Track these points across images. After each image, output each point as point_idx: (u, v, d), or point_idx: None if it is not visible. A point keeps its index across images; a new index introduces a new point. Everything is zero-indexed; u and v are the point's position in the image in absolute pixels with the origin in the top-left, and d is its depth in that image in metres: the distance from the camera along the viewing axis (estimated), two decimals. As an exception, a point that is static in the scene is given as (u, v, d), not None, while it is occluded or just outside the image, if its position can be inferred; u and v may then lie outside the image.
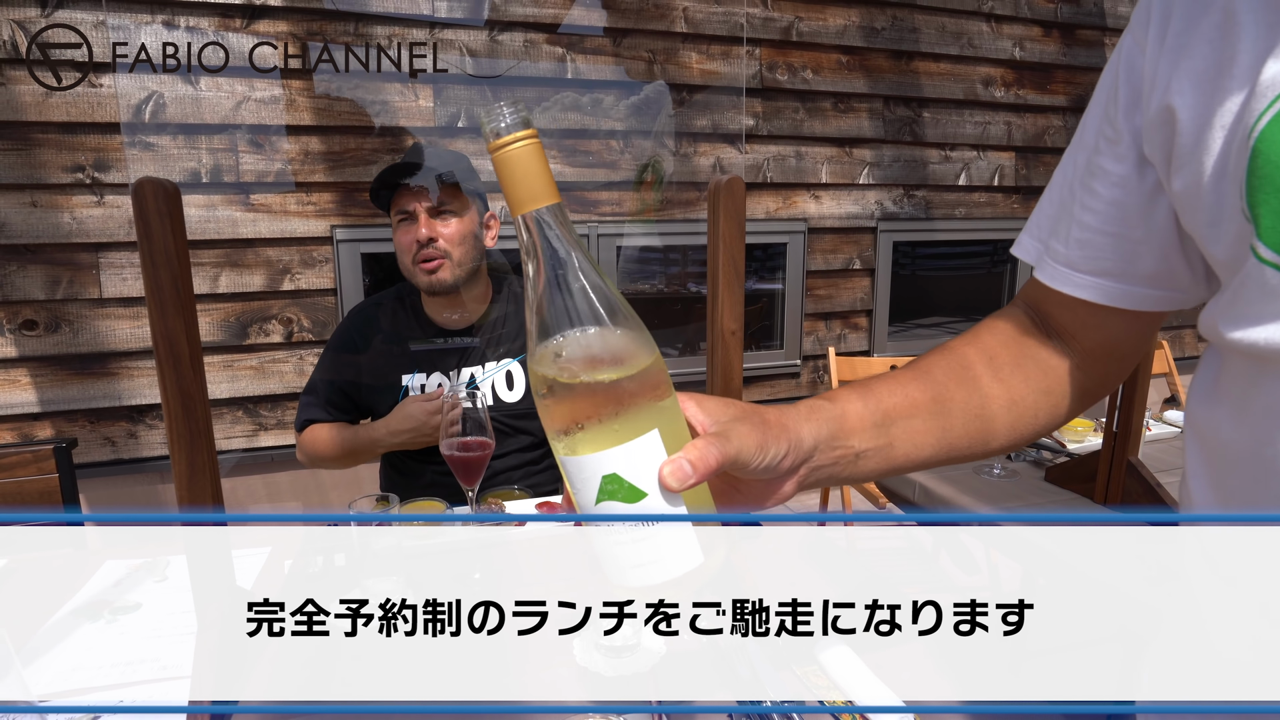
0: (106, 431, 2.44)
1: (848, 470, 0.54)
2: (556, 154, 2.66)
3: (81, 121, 2.27)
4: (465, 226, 1.43)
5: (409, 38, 2.47)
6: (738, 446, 0.46)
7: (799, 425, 0.51)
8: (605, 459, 0.43)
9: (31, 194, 2.27)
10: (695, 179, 2.85)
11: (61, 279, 2.33)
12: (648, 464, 0.43)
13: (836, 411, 0.54)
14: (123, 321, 2.40)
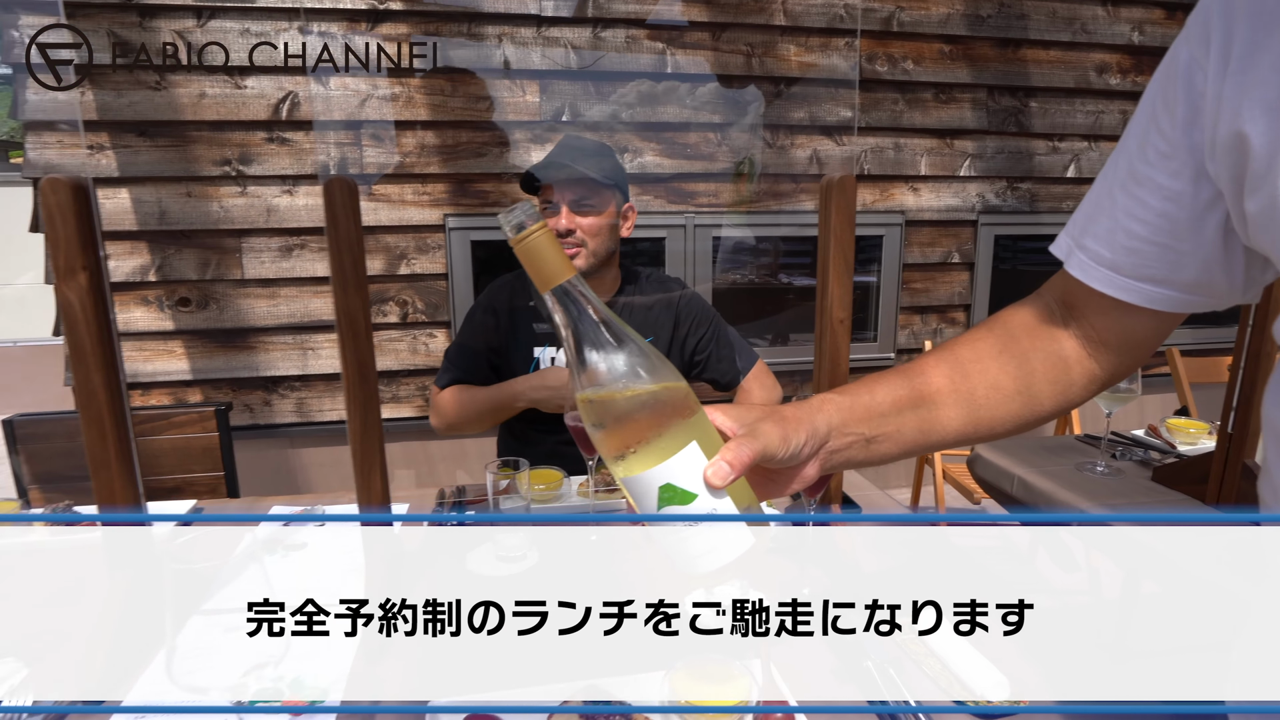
0: (245, 399, 2.69)
1: (862, 453, 0.63)
2: (656, 146, 2.75)
3: (228, 120, 2.51)
4: (604, 219, 1.51)
5: (517, 36, 2.60)
6: (764, 442, 0.54)
7: (813, 416, 0.60)
8: (658, 473, 0.52)
9: (187, 185, 2.53)
10: (791, 171, 2.87)
11: (210, 261, 2.58)
12: (693, 470, 0.52)
13: (846, 403, 0.62)
14: (260, 300, 2.64)
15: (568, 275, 0.53)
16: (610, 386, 0.52)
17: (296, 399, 2.73)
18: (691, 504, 0.53)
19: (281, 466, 2.76)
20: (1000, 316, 0.69)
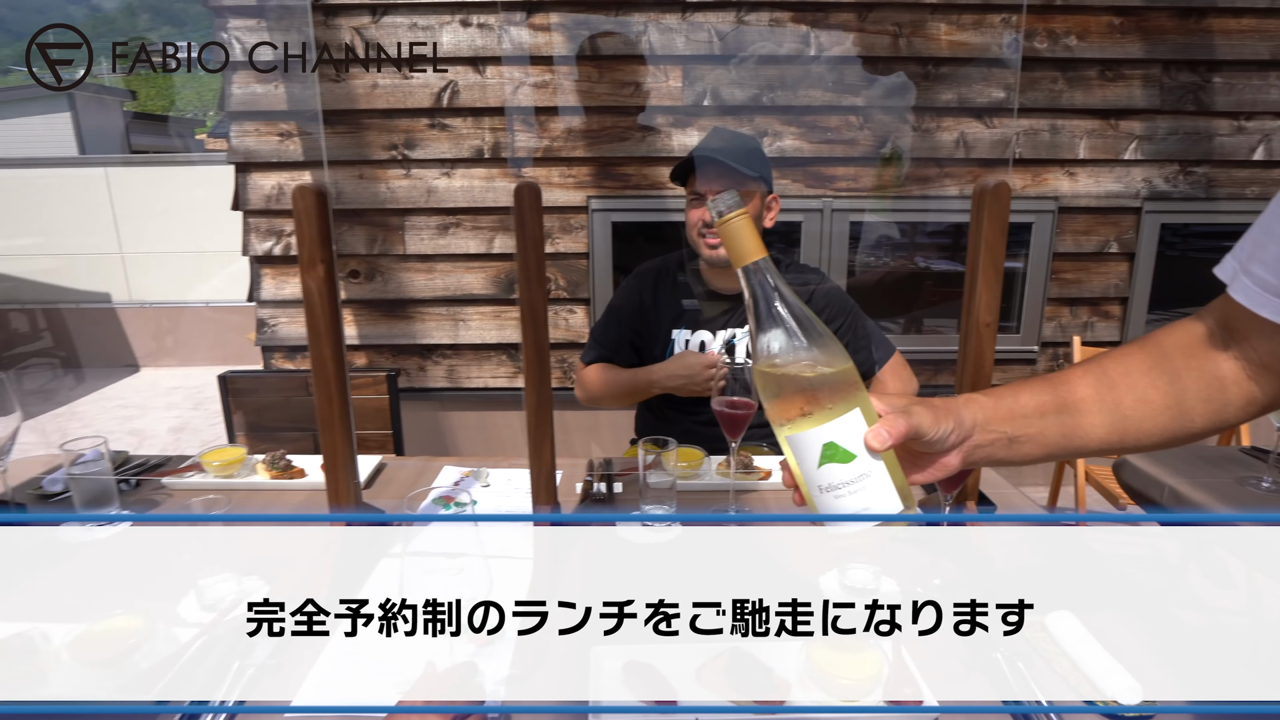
0: (403, 364, 2.96)
1: (1004, 451, 0.68)
2: (796, 130, 2.75)
3: (396, 108, 2.73)
4: (749, 209, 1.57)
5: (662, 22, 2.66)
6: (918, 421, 0.62)
7: (960, 409, 0.66)
8: (824, 431, 0.60)
9: (359, 169, 2.78)
10: (936, 154, 2.79)
11: (377, 237, 2.84)
12: (854, 433, 0.60)
13: (990, 403, 0.67)
14: (419, 274, 2.88)
15: (759, 256, 0.63)
16: (789, 357, 0.61)
17: (448, 366, 2.97)
18: (850, 463, 0.60)
19: (433, 427, 3.02)
20: (1153, 335, 0.70)
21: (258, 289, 2.93)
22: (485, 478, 1.37)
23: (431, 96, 2.72)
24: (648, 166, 2.77)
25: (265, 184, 2.81)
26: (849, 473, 0.61)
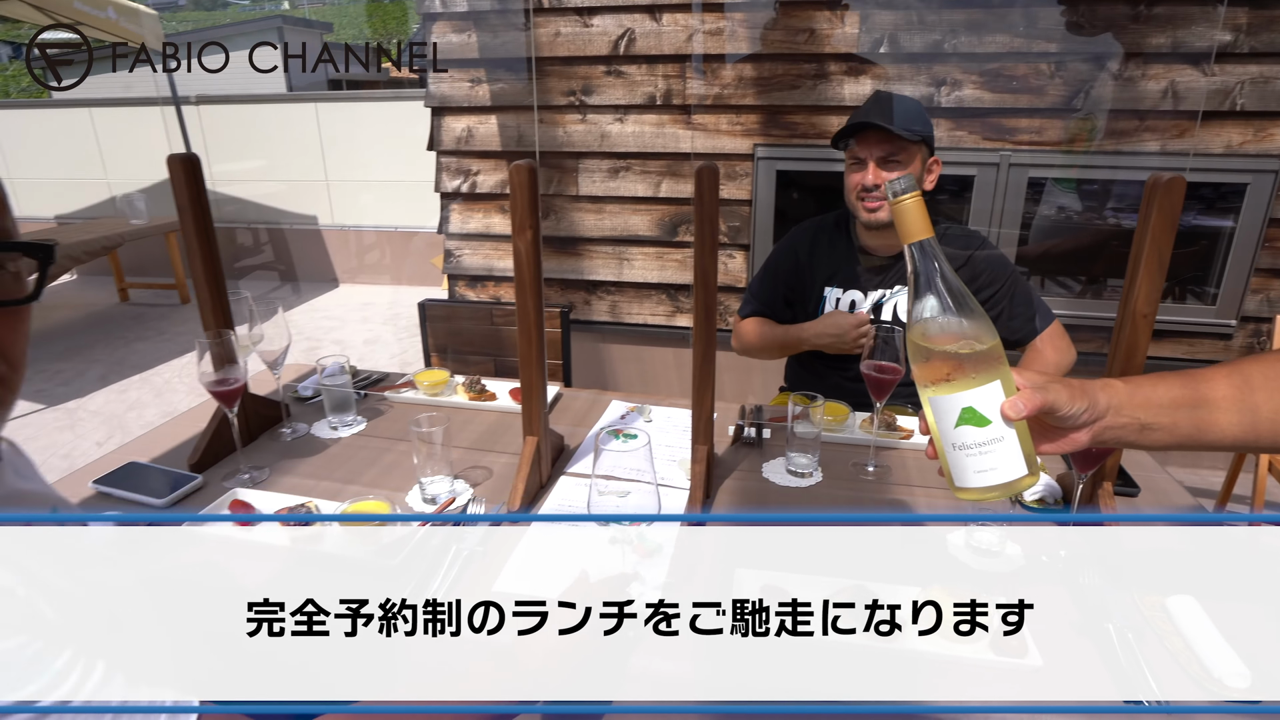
0: (570, 297, 3.20)
1: (1134, 436, 0.74)
2: (978, 78, 2.63)
3: (575, 56, 2.88)
4: (909, 173, 1.60)
5: (845, -36, 2.60)
6: (1054, 397, 0.69)
7: (1095, 392, 0.72)
8: (965, 397, 0.69)
9: (539, 113, 2.98)
10: (1138, 106, 2.57)
11: (553, 179, 3.05)
12: (992, 401, 0.69)
13: (1128, 389, 0.73)
14: (589, 215, 3.08)
15: (927, 235, 0.72)
16: (943, 329, 0.70)
17: (611, 301, 3.18)
18: (984, 427, 0.69)
19: (594, 358, 3.27)
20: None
21: (446, 222, 3.25)
22: (648, 414, 1.55)
23: (609, 44, 2.84)
24: (816, 115, 2.77)
25: (457, 127, 3.09)
26: (982, 435, 0.70)
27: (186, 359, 4.65)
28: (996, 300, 1.67)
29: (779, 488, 1.26)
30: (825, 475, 1.30)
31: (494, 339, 2.31)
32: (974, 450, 0.70)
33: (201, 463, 1.33)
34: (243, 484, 1.28)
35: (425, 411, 1.39)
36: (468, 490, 1.25)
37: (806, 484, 1.27)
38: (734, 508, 1.20)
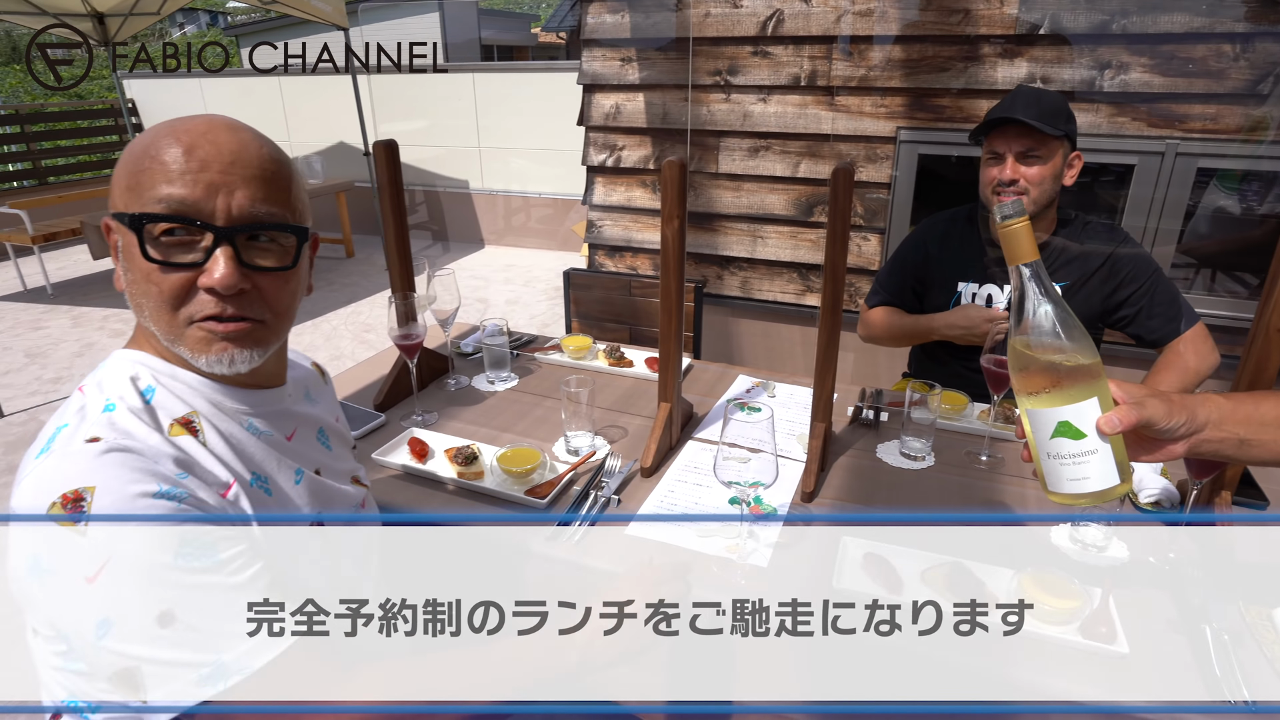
0: (703, 271, 3.32)
1: (1233, 450, 0.78)
2: (1147, 61, 2.48)
3: (723, 36, 2.95)
4: (1048, 170, 1.58)
5: (1009, -59, 2.51)
6: (1150, 413, 0.75)
7: (1195, 406, 0.76)
8: (1062, 411, 0.75)
9: (685, 92, 3.09)
10: (1337, 92, 2.35)
11: (695, 155, 3.16)
12: (1088, 416, 0.75)
13: (1230, 406, 0.77)
14: (727, 192, 3.17)
15: (1033, 258, 0.78)
16: (1043, 346, 0.77)
17: (742, 277, 3.27)
18: (1079, 440, 0.76)
19: (723, 331, 3.38)
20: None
21: (590, 194, 3.44)
22: (772, 389, 1.66)
23: (758, 25, 2.89)
24: (965, 99, 2.71)
25: (605, 103, 3.25)
26: (1076, 448, 0.76)
27: (351, 308, 5.16)
28: (1136, 299, 1.64)
29: (890, 468, 1.35)
30: (938, 460, 1.37)
31: (631, 309, 2.47)
32: (1068, 460, 0.76)
33: (384, 404, 1.57)
34: (417, 424, 1.51)
35: (571, 374, 1.56)
36: (606, 446, 1.41)
37: (918, 467, 1.35)
38: (846, 483, 1.30)
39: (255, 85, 7.25)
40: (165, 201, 0.71)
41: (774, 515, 1.20)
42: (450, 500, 1.26)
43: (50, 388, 3.80)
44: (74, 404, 0.74)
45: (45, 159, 6.91)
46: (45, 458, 0.67)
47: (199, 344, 0.75)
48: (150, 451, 0.69)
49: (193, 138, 0.73)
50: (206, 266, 0.73)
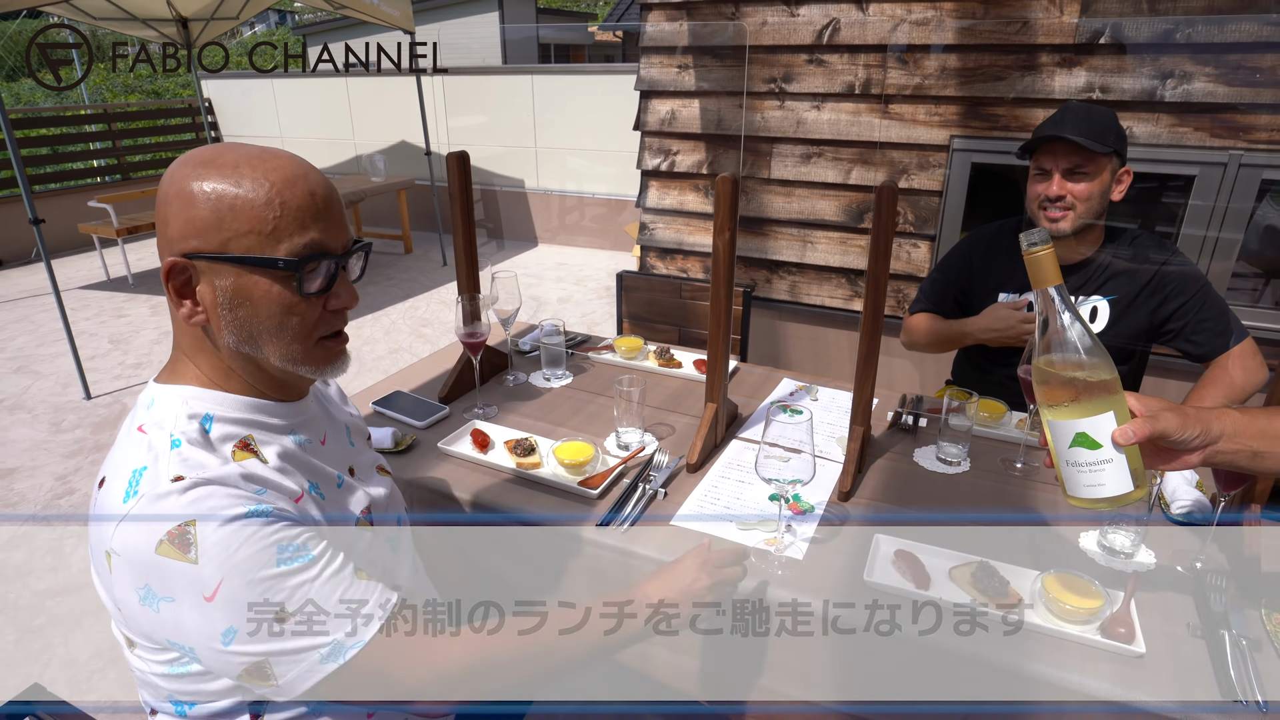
0: (752, 274, 3.38)
1: (1247, 461, 0.84)
2: (1212, 70, 2.45)
3: (779, 44, 3.01)
4: (1095, 186, 1.61)
5: (1070, -50, 2.51)
6: (1164, 426, 0.80)
7: (1210, 420, 0.82)
8: (1080, 424, 0.82)
9: (740, 99, 3.15)
10: None
11: (748, 161, 3.22)
12: (1104, 430, 0.81)
13: (1245, 420, 0.82)
14: (778, 197, 3.22)
15: (1056, 283, 0.84)
16: (1063, 363, 0.83)
17: (791, 281, 3.32)
18: (1095, 450, 0.82)
19: (770, 334, 3.44)
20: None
21: (644, 196, 3.53)
22: (815, 393, 1.73)
23: (814, 33, 2.94)
24: (1021, 108, 2.71)
25: (662, 109, 3.33)
26: (1093, 457, 0.83)
27: (409, 303, 5.36)
28: (1183, 313, 1.66)
29: (926, 472, 1.40)
30: (973, 466, 1.42)
31: (681, 311, 2.55)
32: (1085, 468, 0.83)
33: (449, 396, 1.69)
34: (478, 417, 1.62)
35: (623, 373, 1.65)
36: (654, 442, 1.50)
37: (953, 472, 1.40)
38: (883, 485, 1.36)
39: (323, 85, 7.54)
40: (310, 243, 0.80)
41: (811, 513, 1.28)
42: (509, 488, 1.36)
43: (132, 372, 4.07)
44: (140, 444, 0.79)
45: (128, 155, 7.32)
46: (137, 501, 0.74)
47: (326, 358, 0.87)
48: (228, 479, 0.77)
49: (306, 183, 0.80)
50: (335, 290, 0.84)
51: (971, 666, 0.99)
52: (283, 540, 0.76)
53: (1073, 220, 1.63)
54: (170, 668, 0.81)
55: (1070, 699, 0.95)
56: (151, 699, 0.87)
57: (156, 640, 0.79)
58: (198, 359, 0.85)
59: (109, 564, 0.75)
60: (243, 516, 0.74)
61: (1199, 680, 0.94)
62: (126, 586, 0.75)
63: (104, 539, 0.75)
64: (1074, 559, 1.15)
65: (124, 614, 0.78)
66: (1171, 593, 1.09)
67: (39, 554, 2.49)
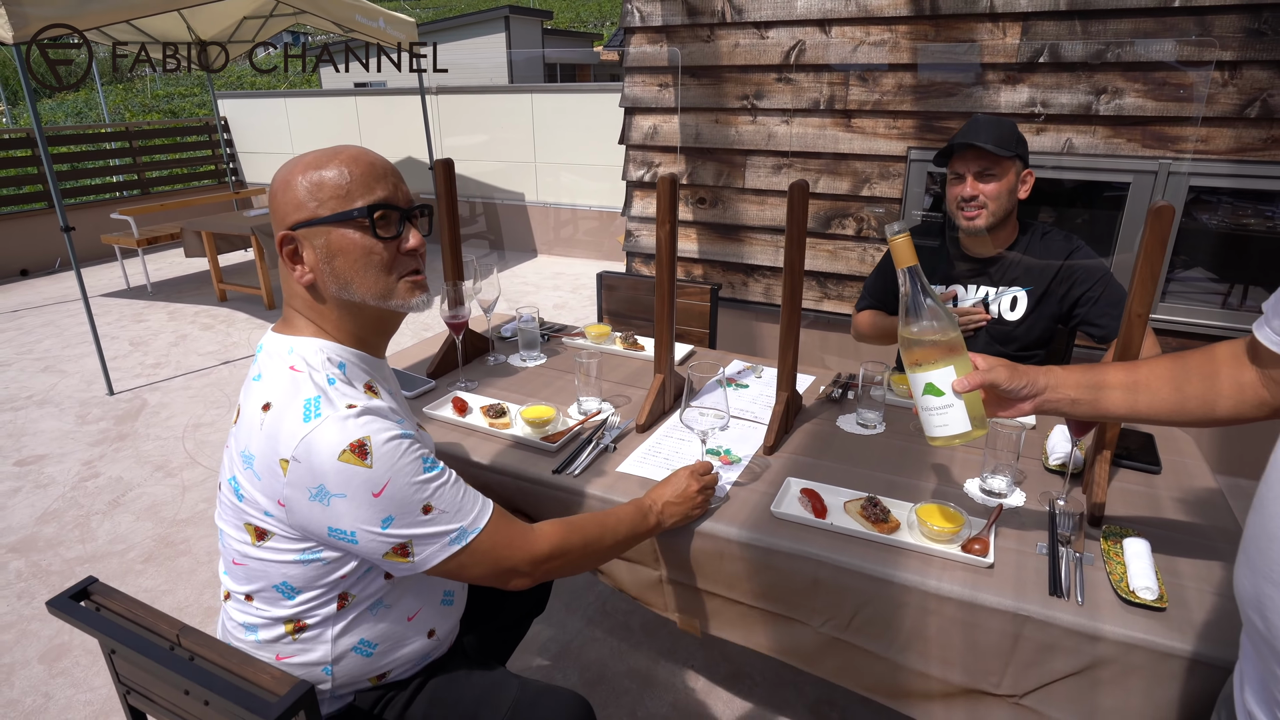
0: (729, 278, 3.60)
1: (1067, 408, 1.04)
2: (1141, 86, 2.67)
3: (751, 64, 3.25)
4: (1003, 186, 1.83)
5: (1012, -22, 2.74)
6: (994, 377, 1.02)
7: (1037, 374, 1.02)
8: (929, 375, 1.04)
9: (715, 114, 3.39)
10: (1322, 116, 2.50)
11: (723, 172, 3.45)
12: (946, 380, 1.03)
13: (1064, 374, 1.03)
14: (752, 206, 3.45)
15: (912, 264, 1.06)
16: (919, 331, 1.05)
17: (765, 284, 3.54)
18: (941, 396, 1.04)
19: (746, 333, 3.65)
20: (1205, 348, 0.99)
21: (629, 206, 3.77)
22: (759, 371, 1.94)
23: (782, 54, 3.18)
24: (970, 121, 2.93)
25: (645, 124, 3.57)
26: (939, 403, 1.04)
27: (414, 310, 5.58)
28: (1087, 299, 1.86)
29: (845, 433, 1.61)
30: (888, 429, 1.62)
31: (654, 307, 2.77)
32: (934, 411, 1.05)
33: (436, 372, 1.91)
34: (460, 389, 1.84)
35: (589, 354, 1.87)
36: (610, 408, 1.72)
37: (870, 433, 1.61)
38: (805, 443, 1.57)
39: (333, 104, 7.85)
40: (377, 198, 1.02)
41: (739, 464, 1.49)
42: (482, 443, 1.58)
43: (151, 371, 4.31)
44: (300, 380, 0.98)
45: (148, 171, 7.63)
46: (321, 422, 0.94)
47: (408, 291, 1.08)
48: (382, 410, 0.98)
49: (369, 158, 1.02)
50: (403, 235, 1.06)
51: (856, 577, 1.20)
52: (424, 454, 1.00)
53: (986, 217, 1.85)
54: (302, 554, 1.01)
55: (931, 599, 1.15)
56: (258, 585, 1.06)
57: (313, 530, 0.98)
58: (310, 314, 1.06)
59: (284, 470, 0.95)
60: (399, 436, 0.97)
61: (1036, 586, 1.14)
62: (299, 486, 0.95)
63: (281, 449, 0.95)
64: (957, 498, 1.36)
65: (287, 509, 0.98)
66: (1033, 524, 1.29)
67: (68, 528, 2.72)
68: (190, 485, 3.03)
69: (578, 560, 1.16)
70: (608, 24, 39.01)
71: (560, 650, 2.11)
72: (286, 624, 1.06)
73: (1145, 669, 1.05)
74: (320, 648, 1.08)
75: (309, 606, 1.05)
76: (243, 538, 1.04)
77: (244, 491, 1.01)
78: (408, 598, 1.13)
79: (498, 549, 1.05)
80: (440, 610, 1.20)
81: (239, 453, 1.01)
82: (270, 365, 1.03)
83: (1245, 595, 0.73)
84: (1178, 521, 1.30)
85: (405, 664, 1.17)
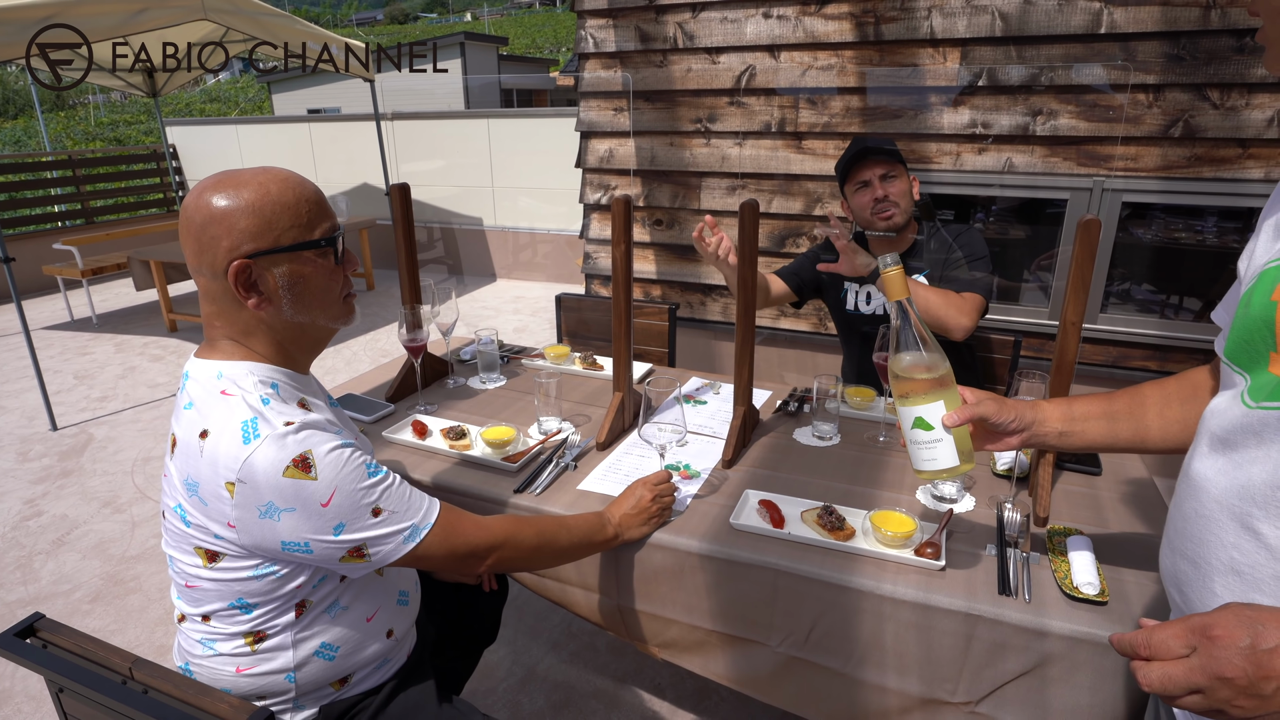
0: (687, 298, 3.65)
1: (1055, 441, 1.04)
2: (1074, 108, 2.80)
3: (703, 88, 3.32)
4: (904, 185, 1.99)
5: (946, 7, 2.87)
6: (983, 411, 1.02)
7: (1024, 408, 1.04)
8: (918, 410, 1.04)
9: (670, 138, 3.45)
10: (1239, 135, 2.66)
11: (679, 194, 3.51)
12: (936, 414, 1.03)
13: (1051, 408, 1.04)
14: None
15: (905, 295, 1.06)
16: (909, 363, 1.05)
17: (724, 303, 3.59)
18: (930, 430, 1.04)
19: (705, 352, 3.69)
20: (1178, 375, 1.03)
21: (586, 229, 3.80)
22: (718, 388, 1.97)
23: (733, 79, 3.26)
24: (915, 142, 3.04)
25: (600, 148, 3.62)
26: (928, 437, 1.04)
27: (370, 335, 5.53)
28: (956, 262, 2.00)
29: (802, 446, 1.65)
30: (843, 441, 1.66)
31: (613, 328, 2.79)
32: (923, 445, 1.05)
33: (395, 396, 1.90)
34: (420, 412, 1.83)
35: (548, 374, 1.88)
36: (570, 427, 1.72)
37: (825, 445, 1.65)
38: (763, 456, 1.60)
39: (286, 130, 7.77)
40: (328, 226, 1.07)
41: (698, 478, 1.51)
42: (443, 465, 1.57)
43: (97, 405, 4.18)
44: (234, 403, 0.98)
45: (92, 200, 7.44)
46: (261, 442, 0.95)
47: (350, 310, 1.14)
48: (319, 423, 1.01)
49: (311, 184, 1.06)
50: (346, 259, 1.11)
51: (814, 585, 1.22)
52: (366, 461, 1.03)
53: (900, 214, 1.96)
54: (254, 571, 1.02)
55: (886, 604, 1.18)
56: (214, 605, 1.05)
57: (266, 547, 0.99)
58: (241, 338, 1.06)
59: (230, 492, 0.96)
60: (340, 446, 1.00)
61: (986, 586, 1.18)
62: (248, 506, 0.96)
63: (225, 473, 0.96)
64: (909, 504, 1.40)
65: (238, 530, 0.98)
66: (982, 527, 1.33)
67: (8, 569, 2.61)
68: (140, 520, 2.94)
69: (531, 552, 1.21)
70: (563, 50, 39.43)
71: (526, 674, 2.09)
72: (246, 637, 1.07)
73: (1090, 664, 1.09)
74: (281, 655, 1.08)
75: (267, 618, 1.06)
76: (194, 561, 1.03)
77: (191, 518, 1.01)
78: (364, 598, 1.15)
79: (451, 538, 1.10)
80: (397, 610, 1.21)
81: (181, 481, 1.01)
82: (200, 392, 1.03)
83: (1166, 573, 0.77)
84: (1117, 519, 1.35)
85: (367, 666, 1.18)
